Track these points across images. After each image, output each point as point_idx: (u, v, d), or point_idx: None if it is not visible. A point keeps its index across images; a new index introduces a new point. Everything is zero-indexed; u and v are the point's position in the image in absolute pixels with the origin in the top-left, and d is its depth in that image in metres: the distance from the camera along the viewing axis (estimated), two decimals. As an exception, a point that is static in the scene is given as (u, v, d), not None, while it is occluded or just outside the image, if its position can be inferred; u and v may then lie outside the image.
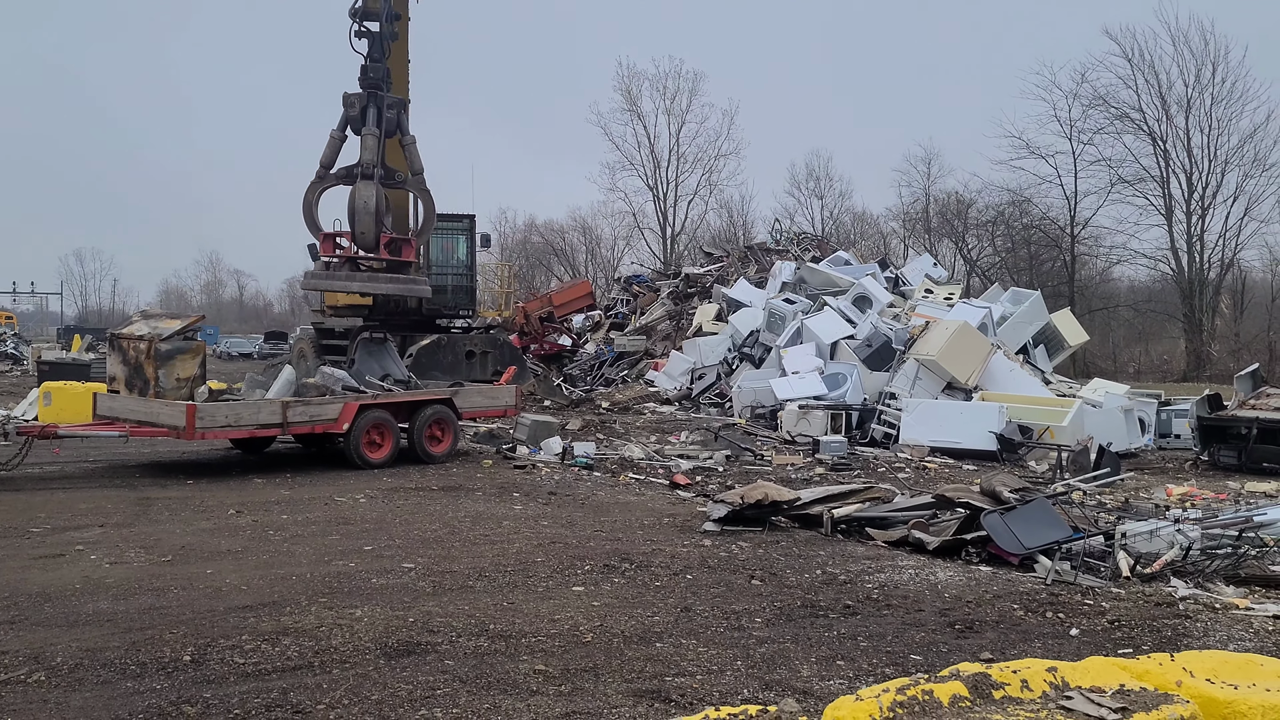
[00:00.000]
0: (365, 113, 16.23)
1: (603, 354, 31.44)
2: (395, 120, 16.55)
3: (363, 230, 15.85)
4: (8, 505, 10.93)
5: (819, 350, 21.73)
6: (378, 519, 10.46)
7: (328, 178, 16.32)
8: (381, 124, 16.23)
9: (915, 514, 10.10)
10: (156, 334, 13.69)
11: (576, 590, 7.59)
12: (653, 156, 62.20)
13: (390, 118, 16.43)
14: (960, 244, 53.02)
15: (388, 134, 16.53)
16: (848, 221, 61.53)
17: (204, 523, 10.15)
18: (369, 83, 16.34)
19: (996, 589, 7.80)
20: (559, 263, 70.88)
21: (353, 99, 16.30)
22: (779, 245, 37.63)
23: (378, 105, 16.24)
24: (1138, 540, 8.77)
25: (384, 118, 16.27)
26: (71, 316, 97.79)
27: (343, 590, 7.44)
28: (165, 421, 13.03)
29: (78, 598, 7.14)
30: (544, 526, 10.20)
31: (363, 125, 16.17)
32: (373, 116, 16.22)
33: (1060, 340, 24.54)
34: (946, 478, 14.44)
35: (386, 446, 14.44)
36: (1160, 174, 44.92)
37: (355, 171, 16.10)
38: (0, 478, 12.57)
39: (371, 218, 15.74)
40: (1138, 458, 17.39)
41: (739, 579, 8.05)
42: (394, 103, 16.51)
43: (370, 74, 16.39)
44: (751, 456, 16.05)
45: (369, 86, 16.32)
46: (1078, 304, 41.28)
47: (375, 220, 15.77)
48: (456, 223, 26.52)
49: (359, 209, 15.83)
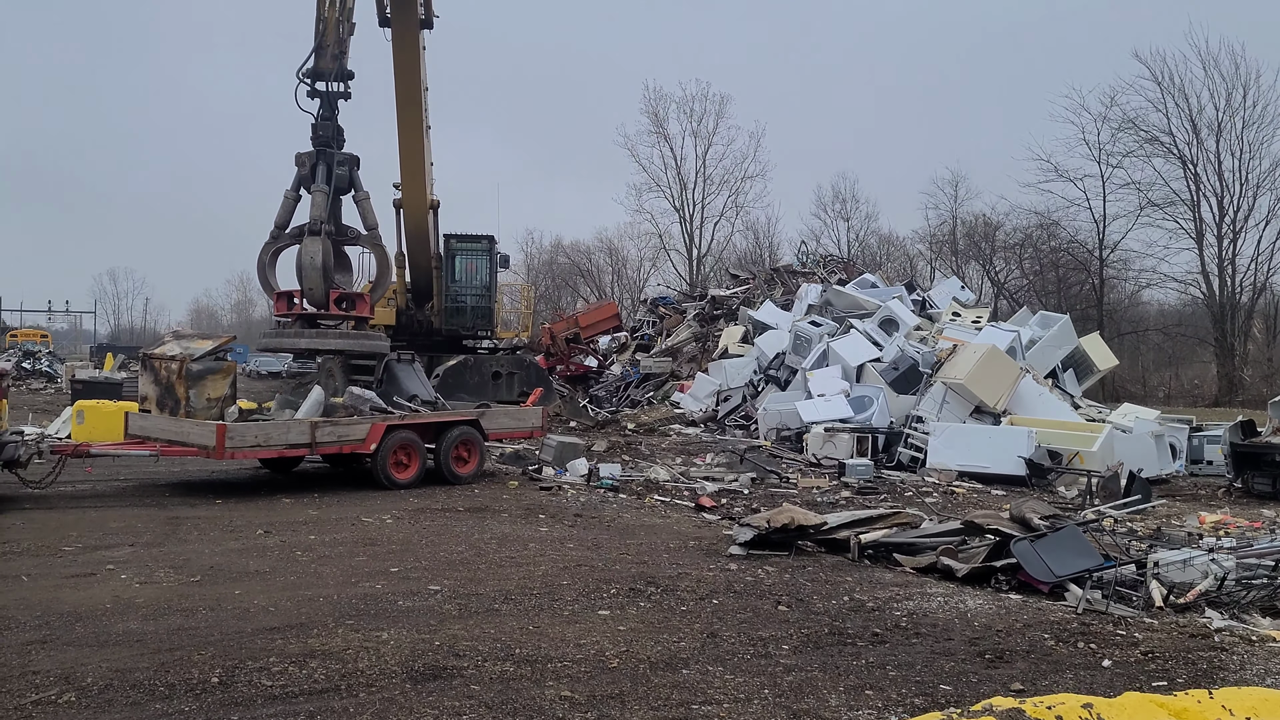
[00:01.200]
0: (315, 170, 16.30)
1: (628, 375, 31.46)
2: (347, 177, 16.55)
3: (310, 286, 15.85)
4: (41, 524, 11.03)
5: (845, 373, 21.66)
6: (404, 540, 10.48)
7: (281, 237, 16.35)
8: (331, 180, 16.25)
9: (944, 540, 10.02)
10: (188, 354, 13.81)
11: (602, 614, 7.58)
12: (679, 178, 62.40)
13: (341, 174, 16.40)
14: (988, 267, 52.82)
15: (340, 191, 16.53)
16: (874, 244, 61.48)
17: (232, 543, 10.21)
18: (319, 140, 16.38)
19: (1027, 618, 7.72)
20: (585, 284, 71.04)
21: (303, 158, 16.41)
22: (805, 267, 37.62)
23: (327, 162, 16.25)
24: (1171, 569, 8.67)
25: (334, 174, 16.29)
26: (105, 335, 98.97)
27: (369, 612, 7.45)
28: (195, 441, 13.13)
29: (108, 617, 7.19)
30: (570, 549, 10.19)
31: (313, 183, 16.26)
32: (322, 174, 16.23)
33: (1089, 364, 24.36)
34: (975, 503, 14.34)
35: (413, 467, 14.49)
36: (1191, 197, 44.65)
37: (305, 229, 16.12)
38: (34, 496, 12.70)
39: (319, 274, 15.72)
40: (1169, 484, 17.19)
41: (765, 605, 8.01)
42: (344, 159, 16.50)
43: (320, 132, 16.42)
44: (777, 479, 15.99)
45: (319, 144, 16.36)
46: (1107, 328, 41.01)
47: (323, 276, 15.75)
48: (476, 243, 26.67)
49: (306, 265, 15.80)
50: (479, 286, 26.53)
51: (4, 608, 7.39)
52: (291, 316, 16.23)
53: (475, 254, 26.58)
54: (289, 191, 16.44)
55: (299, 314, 16.09)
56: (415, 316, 25.74)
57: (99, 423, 16.67)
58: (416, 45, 22.07)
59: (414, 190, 23.65)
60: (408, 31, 21.67)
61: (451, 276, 26.18)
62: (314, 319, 16.12)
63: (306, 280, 15.84)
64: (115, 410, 16.56)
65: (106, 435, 15.50)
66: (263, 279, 16.63)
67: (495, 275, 26.84)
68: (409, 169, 23.27)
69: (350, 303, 16.30)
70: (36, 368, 46.34)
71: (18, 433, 12.98)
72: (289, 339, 16.05)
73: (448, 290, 26.01)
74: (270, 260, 16.57)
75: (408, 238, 24.76)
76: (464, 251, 26.46)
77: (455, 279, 26.25)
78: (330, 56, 16.46)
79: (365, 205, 16.76)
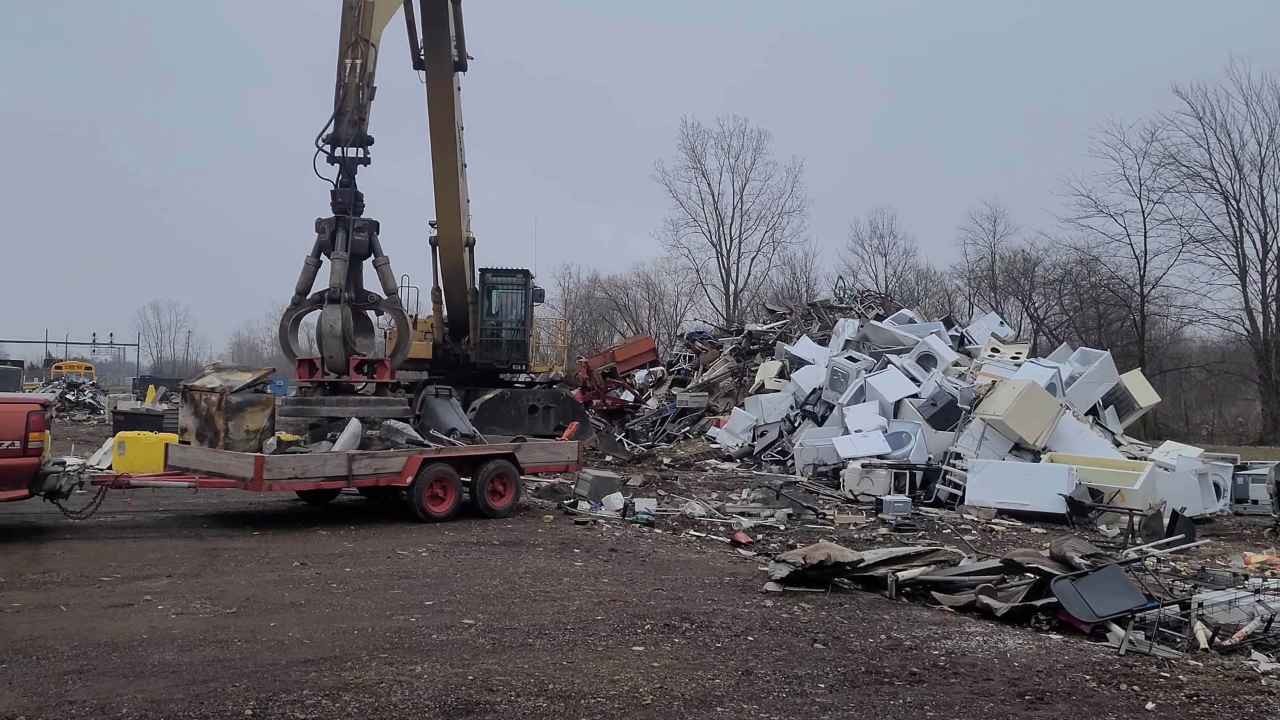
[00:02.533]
0: (334, 237, 16.26)
1: (665, 410, 31.40)
2: (366, 242, 16.41)
3: (330, 354, 15.84)
4: (81, 554, 11.14)
5: (882, 408, 21.52)
6: (439, 573, 10.48)
7: (302, 303, 16.34)
8: (349, 247, 16.21)
9: (982, 578, 9.89)
10: (227, 386, 13.94)
11: (636, 650, 7.53)
12: (716, 213, 62.47)
13: (360, 240, 16.28)
14: (1027, 302, 52.42)
15: (359, 256, 16.50)
16: (911, 279, 61.22)
17: (268, 574, 10.25)
18: (338, 207, 16.29)
19: (1068, 658, 7.59)
20: (622, 318, 71.15)
21: (323, 224, 16.38)
22: (842, 302, 37.49)
23: (346, 229, 16.18)
24: (1216, 610, 8.50)
25: (351, 241, 16.24)
26: (147, 367, 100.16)
27: (403, 646, 7.44)
28: (233, 473, 13.22)
29: (144, 648, 7.23)
30: (604, 584, 10.15)
31: (333, 249, 16.26)
32: (341, 240, 16.13)
33: (1131, 401, 24.07)
34: (1014, 541, 14.15)
35: (449, 500, 14.51)
36: (1234, 233, 44.15)
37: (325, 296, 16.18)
38: (74, 526, 12.83)
39: (339, 341, 15.67)
40: (1213, 523, 16.89)
41: (801, 642, 7.93)
42: (363, 225, 16.36)
43: (339, 199, 16.29)
44: (813, 515, 15.88)
45: (339, 210, 16.25)
46: (1148, 364, 40.49)
47: (343, 344, 15.75)
48: (511, 278, 26.80)
49: (326, 334, 15.74)
50: (514, 320, 26.62)
51: (42, 637, 7.45)
52: (313, 383, 16.28)
53: (511, 288, 26.70)
54: (309, 257, 16.41)
55: (319, 380, 16.13)
56: (452, 350, 25.86)
57: (140, 454, 16.82)
58: (451, 87, 22.41)
59: (449, 227, 23.85)
60: (441, 74, 22.03)
61: (487, 310, 26.29)
62: (335, 386, 16.15)
63: (326, 348, 15.83)
64: (156, 442, 16.71)
65: (147, 466, 15.65)
66: (285, 345, 16.72)
67: (530, 309, 26.92)
68: (444, 206, 23.50)
69: (370, 368, 16.35)
70: (80, 399, 46.95)
71: (60, 463, 13.12)
72: (311, 406, 16.09)
73: (483, 324, 26.11)
74: (292, 327, 16.67)
75: (443, 274, 24.93)
76: (500, 285, 26.59)
77: (491, 313, 26.37)
78: (349, 122, 16.38)
79: (385, 270, 16.72)
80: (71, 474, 12.67)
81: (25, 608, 8.47)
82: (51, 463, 12.72)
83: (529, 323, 26.87)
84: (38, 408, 12.40)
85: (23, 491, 12.16)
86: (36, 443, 12.12)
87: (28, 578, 9.75)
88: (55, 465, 12.74)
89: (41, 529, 12.83)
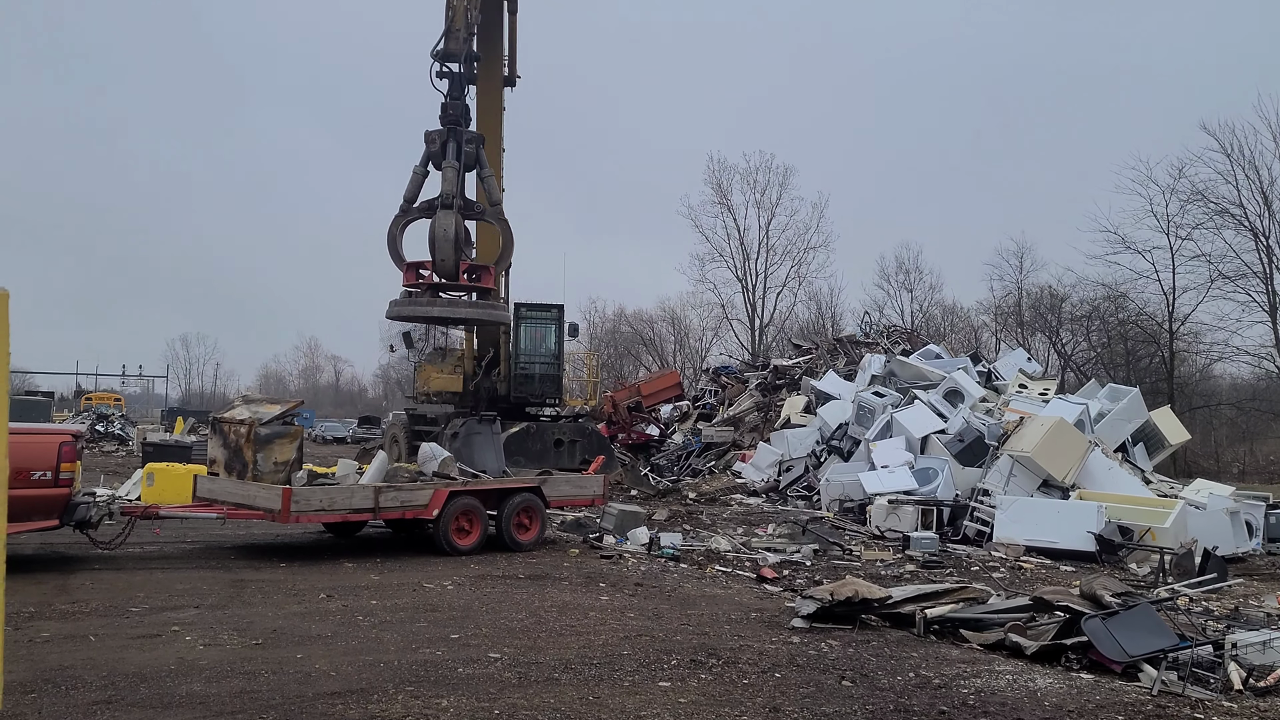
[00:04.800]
0: (445, 147, 17.34)
1: (690, 444, 31.35)
2: (474, 154, 17.60)
3: (443, 258, 16.70)
4: (110, 584, 11.21)
5: (909, 444, 21.41)
6: (465, 606, 10.48)
7: (410, 211, 17.35)
8: (460, 157, 17.00)
9: (1012, 616, 9.79)
10: (256, 418, 14.03)
11: (663, 685, 7.49)
12: (742, 248, 62.58)
13: (469, 151, 17.42)
14: (1054, 339, 52.09)
15: (467, 167, 17.38)
16: (938, 314, 60.99)
17: (295, 606, 10.28)
18: (448, 119, 17.37)
19: (1099, 698, 7.50)
20: (648, 353, 71.25)
21: (433, 135, 17.55)
22: (868, 338, 37.40)
23: (457, 140, 17.28)
24: (1250, 651, 8.39)
25: (463, 151, 17.04)
26: (176, 399, 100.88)
27: (429, 679, 7.44)
28: (261, 504, 13.29)
29: (172, 679, 7.26)
30: (630, 618, 10.11)
31: (443, 159, 17.11)
32: (452, 150, 17.38)
33: (1160, 439, 23.85)
34: (1044, 578, 14.02)
35: (475, 533, 14.52)
36: (1263, 270, 43.74)
37: (436, 203, 16.93)
38: (104, 556, 12.92)
39: (451, 245, 16.55)
40: (1245, 562, 16.67)
41: (829, 679, 7.87)
42: (472, 137, 17.57)
43: (450, 110, 17.62)
44: (840, 551, 15.78)
45: (449, 122, 17.37)
46: (1177, 401, 40.06)
47: (455, 248, 16.49)
48: (545, 312, 26.98)
49: (439, 237, 16.73)
50: (547, 355, 26.83)
51: (71, 667, 7.50)
52: (420, 286, 17.13)
53: (544, 322, 26.94)
54: (418, 167, 17.68)
55: (427, 284, 17.03)
56: (481, 383, 25.99)
57: (168, 485, 16.93)
58: (499, 102, 22.88)
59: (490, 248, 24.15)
60: (491, 88, 22.60)
61: (521, 345, 26.51)
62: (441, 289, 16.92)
63: (439, 251, 16.85)
64: (184, 473, 16.83)
65: (175, 497, 15.75)
66: (393, 251, 17.55)
67: (563, 344, 27.18)
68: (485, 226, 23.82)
69: (476, 274, 16.98)
70: (109, 431, 47.33)
71: (89, 494, 13.23)
72: (421, 307, 17.07)
73: (517, 358, 26.32)
74: (400, 233, 17.62)
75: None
76: (533, 320, 26.82)
77: (524, 347, 26.58)
78: (460, 40, 17.83)
79: (490, 181, 17.92)
80: (101, 505, 12.77)
81: (55, 637, 8.53)
82: (82, 493, 12.83)
83: (562, 357, 27.12)
84: (69, 439, 12.51)
85: (53, 521, 12.25)
86: (67, 473, 12.21)
87: (57, 608, 9.82)
88: (85, 496, 12.85)
89: (71, 559, 12.92)
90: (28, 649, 8.07)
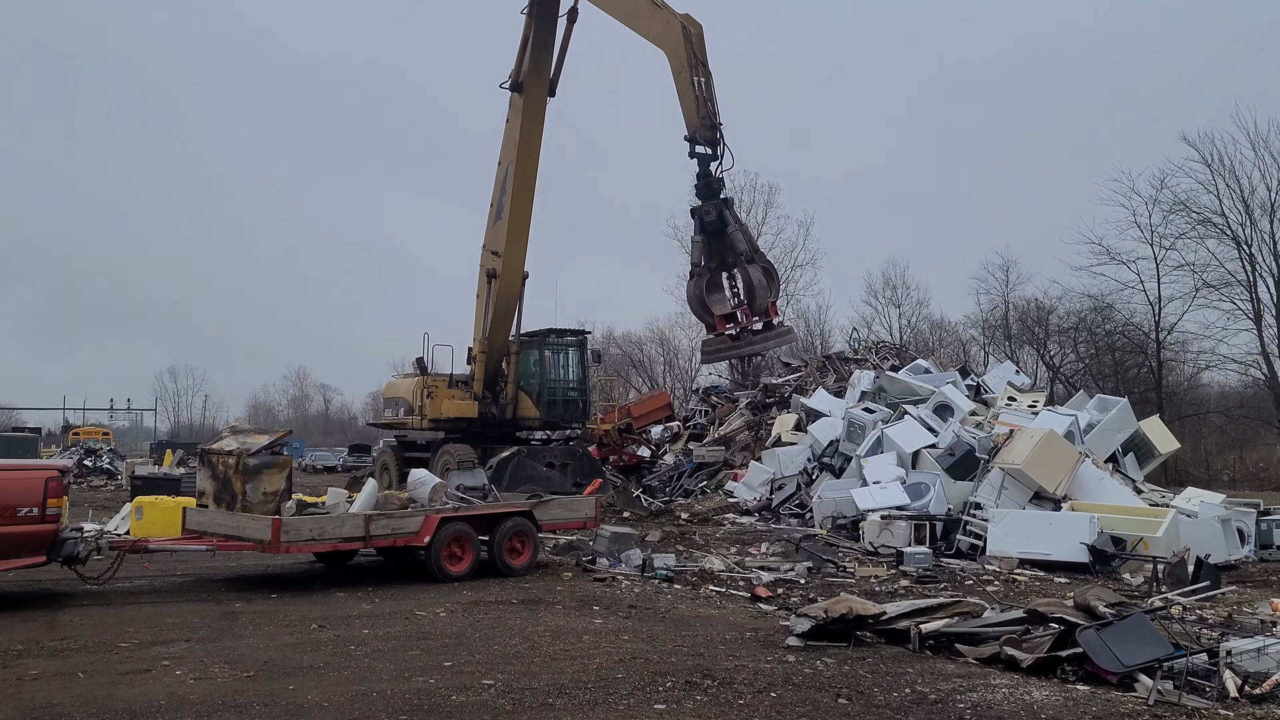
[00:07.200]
0: (721, 215, 23.55)
1: (681, 465, 31.26)
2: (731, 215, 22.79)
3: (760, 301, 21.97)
4: (99, 619, 11.11)
5: (900, 460, 21.40)
6: (458, 633, 10.42)
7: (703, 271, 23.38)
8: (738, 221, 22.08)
9: (1007, 629, 9.78)
10: (244, 449, 13.97)
11: (659, 708, 7.45)
12: (729, 268, 62.64)
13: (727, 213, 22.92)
14: (1042, 351, 52.25)
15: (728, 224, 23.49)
16: (926, 329, 61.21)
17: (287, 637, 10.20)
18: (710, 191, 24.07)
19: (1096, 709, 7.48)
20: (637, 374, 71.22)
21: (708, 208, 24.00)
22: (857, 354, 37.38)
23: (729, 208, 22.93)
24: (1244, 658, 8.38)
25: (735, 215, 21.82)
26: (164, 431, 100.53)
27: (423, 708, 7.38)
28: (251, 535, 13.21)
29: (162, 714, 7.19)
30: (625, 641, 10.07)
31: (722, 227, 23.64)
32: (730, 216, 23.18)
33: (1150, 448, 23.89)
34: (1038, 591, 14.00)
35: (467, 559, 14.46)
36: (1247, 278, 43.99)
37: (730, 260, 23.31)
38: (92, 592, 12.82)
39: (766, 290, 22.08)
40: (1238, 570, 16.70)
41: (825, 698, 7.83)
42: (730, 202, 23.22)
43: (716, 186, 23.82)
44: (834, 568, 15.75)
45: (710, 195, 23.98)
46: (1166, 410, 40.20)
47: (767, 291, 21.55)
48: (572, 338, 27.30)
49: (757, 286, 22.54)
50: (572, 380, 27.23)
51: (60, 704, 7.42)
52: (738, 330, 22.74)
53: (569, 348, 27.43)
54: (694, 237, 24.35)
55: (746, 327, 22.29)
56: (491, 408, 26.09)
57: (158, 518, 16.84)
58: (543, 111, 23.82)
59: (515, 254, 24.67)
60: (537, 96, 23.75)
61: (546, 370, 26.90)
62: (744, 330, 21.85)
63: (757, 297, 22.42)
64: (174, 506, 16.73)
65: (165, 530, 15.65)
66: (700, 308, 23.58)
67: (587, 370, 27.74)
68: (515, 231, 24.47)
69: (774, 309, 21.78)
70: (98, 465, 47.06)
71: (78, 529, 13.15)
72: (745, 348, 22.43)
73: (544, 383, 26.75)
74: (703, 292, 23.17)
75: (496, 310, 25.20)
76: (558, 346, 27.23)
77: (550, 373, 26.97)
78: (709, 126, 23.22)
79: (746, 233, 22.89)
80: (89, 539, 12.68)
81: (43, 675, 8.44)
82: (69, 529, 12.74)
83: (586, 382, 27.51)
84: (55, 474, 12.43)
85: (41, 558, 12.16)
86: (54, 509, 12.12)
87: (45, 645, 9.73)
88: (73, 531, 12.76)
89: (59, 595, 12.82)
90: (15, 687, 7.99)
